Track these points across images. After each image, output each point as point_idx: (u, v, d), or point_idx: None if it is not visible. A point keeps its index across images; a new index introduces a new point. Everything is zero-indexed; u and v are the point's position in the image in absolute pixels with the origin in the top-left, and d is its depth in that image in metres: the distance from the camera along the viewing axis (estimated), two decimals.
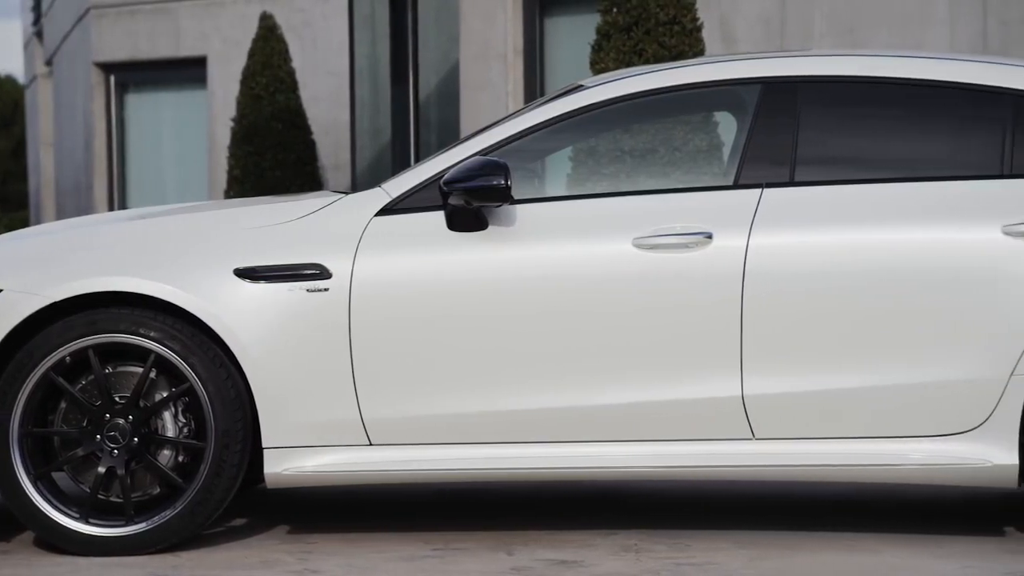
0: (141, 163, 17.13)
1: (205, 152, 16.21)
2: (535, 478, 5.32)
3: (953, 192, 5.21)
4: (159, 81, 16.93)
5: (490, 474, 5.28)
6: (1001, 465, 5.11)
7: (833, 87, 5.39)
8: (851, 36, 11.31)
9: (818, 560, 5.11)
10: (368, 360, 5.25)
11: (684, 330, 5.18)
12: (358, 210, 5.38)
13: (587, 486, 6.35)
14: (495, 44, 12.98)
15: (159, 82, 16.94)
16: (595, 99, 5.47)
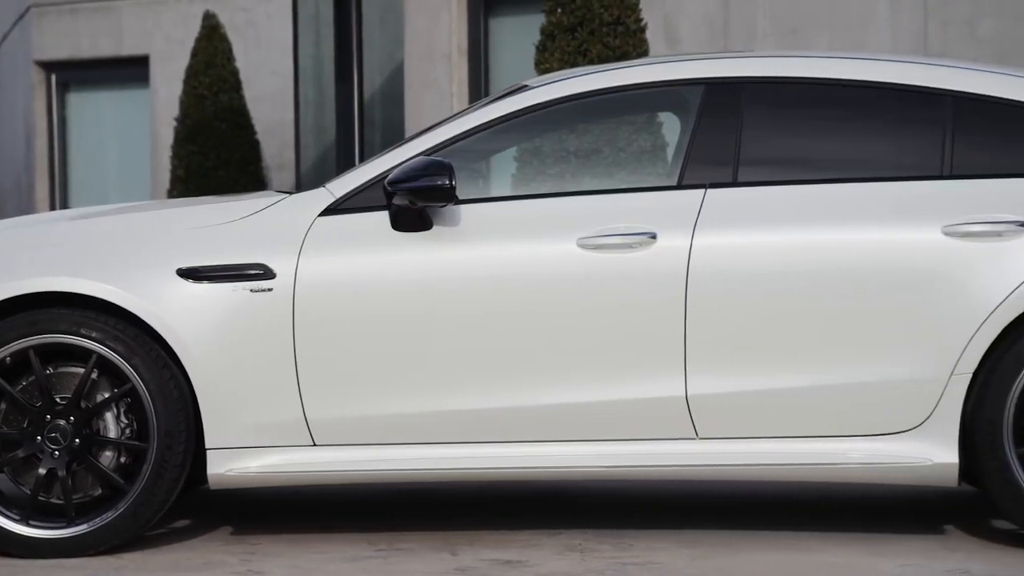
0: (83, 163, 17.01)
1: (148, 152, 16.11)
2: (480, 478, 5.32)
3: (894, 193, 5.25)
4: (101, 80, 16.81)
5: (435, 474, 5.28)
6: (941, 464, 5.15)
7: (776, 88, 5.42)
8: (794, 37, 11.38)
9: (760, 559, 5.14)
10: (312, 360, 5.24)
11: (628, 330, 5.19)
12: (302, 210, 5.37)
13: (532, 486, 6.36)
14: (440, 44, 12.97)
15: (101, 81, 16.82)
16: (539, 99, 5.47)
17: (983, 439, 5.12)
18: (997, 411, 5.11)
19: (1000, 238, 5.13)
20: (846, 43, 11.15)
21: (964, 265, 5.13)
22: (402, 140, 5.63)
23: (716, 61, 5.54)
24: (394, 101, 14.09)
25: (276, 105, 15.01)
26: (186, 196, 13.07)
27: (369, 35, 14.61)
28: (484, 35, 13.10)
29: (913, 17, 11.00)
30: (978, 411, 5.13)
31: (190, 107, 13.49)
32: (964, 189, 5.23)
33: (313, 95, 15.07)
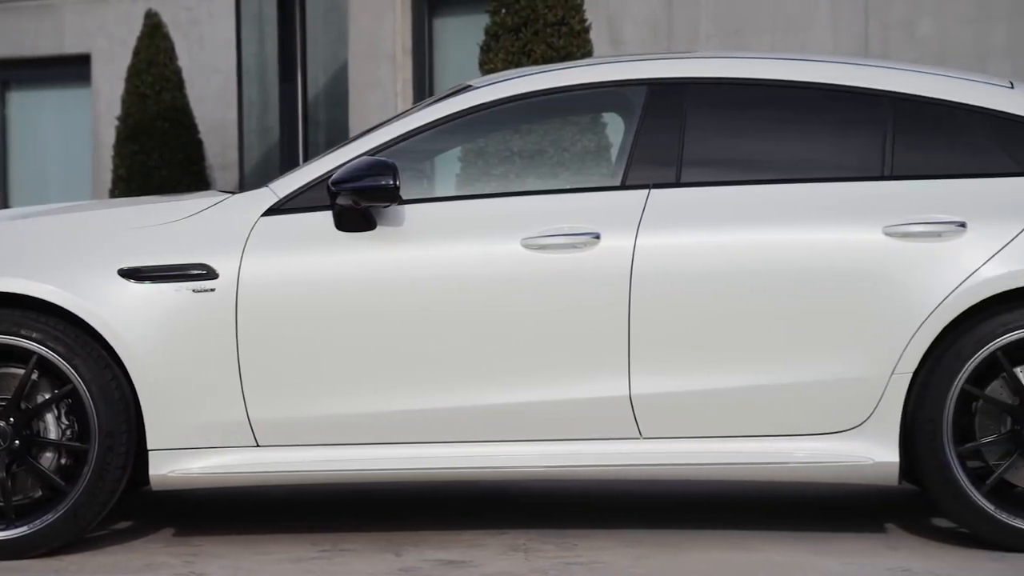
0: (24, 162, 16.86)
1: (89, 151, 16.00)
2: (424, 478, 5.31)
3: (835, 193, 5.28)
4: (42, 79, 16.67)
5: (379, 475, 5.27)
6: (883, 463, 5.19)
7: (719, 89, 5.44)
8: (737, 38, 11.44)
9: (703, 558, 5.16)
10: (255, 361, 5.22)
11: (572, 330, 5.20)
12: (245, 210, 5.35)
13: (476, 486, 6.36)
14: (384, 44, 12.95)
15: (42, 80, 16.68)
16: (484, 99, 5.48)
17: (923, 438, 5.16)
18: (937, 410, 5.15)
19: (940, 238, 5.18)
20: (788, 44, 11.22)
21: (905, 265, 5.17)
22: (346, 140, 5.62)
23: (659, 62, 5.56)
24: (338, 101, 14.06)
25: (219, 104, 14.94)
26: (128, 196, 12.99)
27: (313, 34, 14.57)
28: (428, 35, 13.09)
29: (854, 19, 11.08)
30: (918, 410, 5.17)
31: (132, 106, 13.41)
32: (905, 190, 5.27)
33: (256, 94, 15.01)
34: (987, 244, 5.15)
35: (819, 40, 11.18)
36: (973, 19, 10.74)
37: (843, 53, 10.90)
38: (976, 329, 5.14)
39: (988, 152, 5.31)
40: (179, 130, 13.50)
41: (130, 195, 13.13)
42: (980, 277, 5.13)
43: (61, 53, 16.25)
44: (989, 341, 5.13)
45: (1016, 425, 5.18)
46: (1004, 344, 5.13)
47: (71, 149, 16.57)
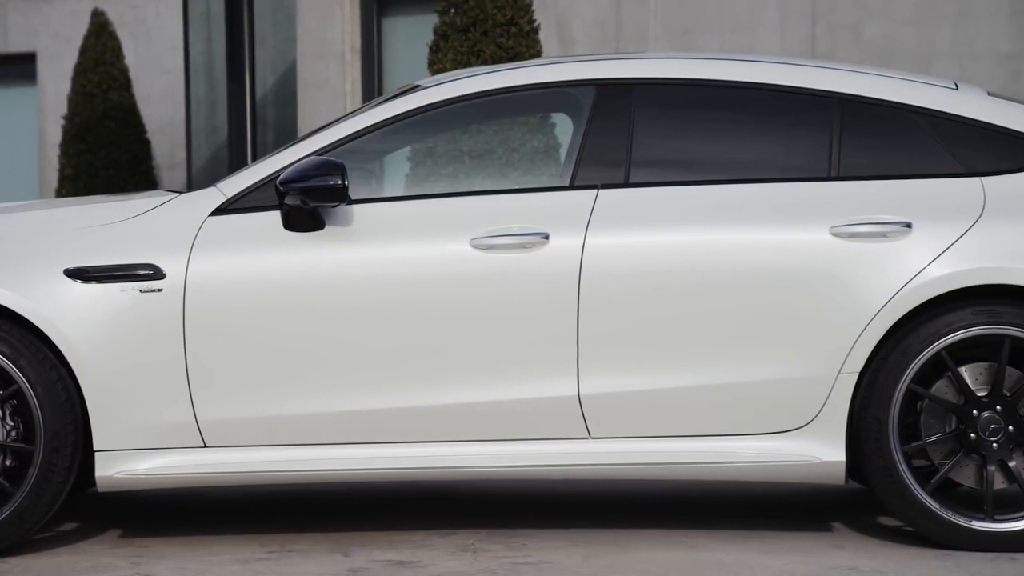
0: None
1: (35, 150, 15.88)
2: (372, 479, 5.30)
3: (783, 194, 5.31)
4: None
5: (327, 475, 5.25)
6: (829, 462, 5.22)
7: (667, 89, 5.46)
8: (685, 39, 11.48)
9: (651, 557, 5.17)
10: (203, 361, 5.20)
11: (521, 330, 5.20)
12: (192, 210, 5.32)
13: (425, 486, 6.35)
14: (332, 43, 12.92)
15: None
16: (432, 99, 5.47)
17: (869, 437, 5.20)
18: (883, 409, 5.18)
19: (886, 239, 5.21)
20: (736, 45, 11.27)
21: (851, 265, 5.20)
22: (294, 140, 5.60)
23: (607, 62, 5.57)
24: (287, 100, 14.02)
25: (167, 104, 14.86)
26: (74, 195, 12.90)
27: (261, 33, 14.52)
28: (377, 35, 13.07)
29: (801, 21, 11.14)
30: (865, 409, 5.20)
31: (79, 105, 13.33)
32: (851, 190, 5.30)
33: (204, 94, 14.94)
34: (932, 244, 5.19)
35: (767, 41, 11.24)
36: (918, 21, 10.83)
37: (790, 54, 10.97)
38: (921, 329, 5.18)
39: (933, 153, 5.35)
40: (126, 129, 13.43)
41: (77, 195, 13.04)
42: (925, 277, 5.17)
43: (6, 52, 16.13)
44: (934, 341, 5.17)
45: (961, 424, 5.22)
46: (949, 344, 5.18)
47: (16, 148, 16.44)
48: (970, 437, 5.20)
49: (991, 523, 5.19)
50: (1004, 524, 5.19)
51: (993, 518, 5.19)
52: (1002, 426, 5.20)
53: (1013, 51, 10.49)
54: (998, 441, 5.20)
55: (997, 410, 5.20)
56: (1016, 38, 10.48)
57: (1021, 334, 5.15)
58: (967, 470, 5.25)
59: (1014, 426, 5.20)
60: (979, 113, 5.40)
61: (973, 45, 10.61)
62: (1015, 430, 5.20)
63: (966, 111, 5.40)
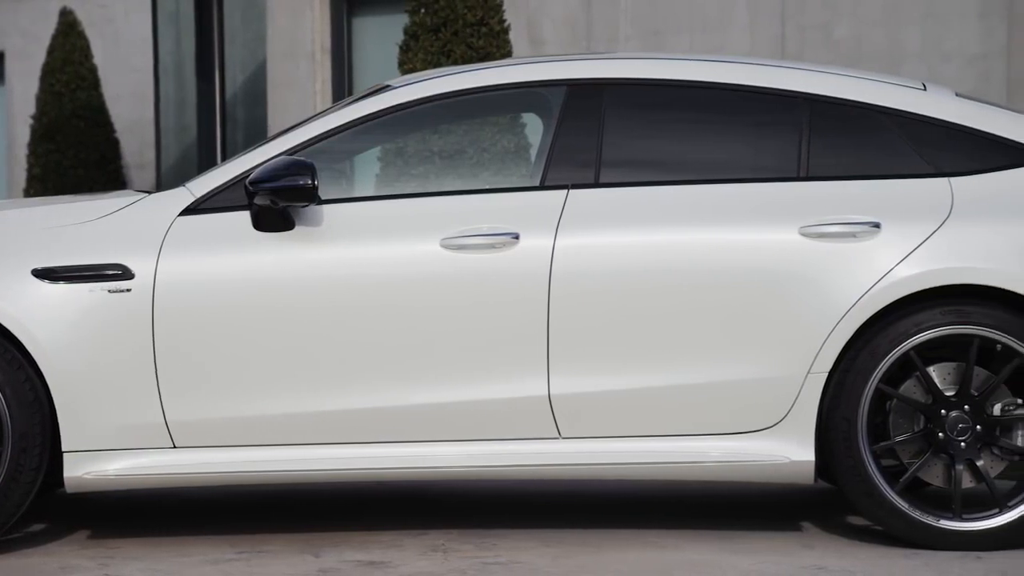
0: None
1: (3, 150, 15.81)
2: (343, 479, 5.30)
3: (753, 194, 5.32)
4: None
5: (297, 476, 5.24)
6: (798, 461, 5.23)
7: (637, 90, 5.47)
8: (655, 39, 11.50)
9: (621, 557, 5.18)
10: (172, 362, 5.18)
11: (492, 330, 5.20)
12: (161, 210, 5.31)
13: (396, 486, 6.35)
14: (303, 43, 12.90)
15: None
16: (402, 99, 5.47)
17: (838, 437, 5.21)
18: (852, 409, 5.20)
19: (855, 239, 5.23)
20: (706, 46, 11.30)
21: (820, 265, 5.22)
22: (264, 139, 5.59)
23: (578, 62, 5.57)
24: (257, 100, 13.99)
25: (136, 103, 14.81)
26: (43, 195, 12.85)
27: (231, 33, 14.48)
28: (348, 35, 13.06)
29: (771, 21, 11.17)
30: (834, 409, 5.22)
31: (47, 105, 13.28)
32: (820, 191, 5.31)
33: (174, 93, 14.90)
34: (901, 244, 5.21)
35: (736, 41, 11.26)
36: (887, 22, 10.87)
37: (760, 54, 11.00)
38: (890, 329, 5.20)
39: (902, 153, 5.37)
40: (95, 129, 13.38)
41: (45, 194, 12.99)
42: (894, 277, 5.19)
43: None
44: (903, 341, 5.19)
45: (929, 424, 5.24)
46: (918, 344, 5.20)
47: None
48: (938, 436, 5.23)
49: (959, 522, 5.21)
50: (972, 523, 5.22)
51: (961, 517, 5.21)
52: (970, 426, 5.22)
53: (981, 52, 10.55)
54: (966, 440, 5.22)
55: (965, 410, 5.23)
56: (984, 39, 10.54)
57: (989, 334, 5.18)
58: (935, 469, 5.27)
59: (982, 426, 5.23)
60: (947, 114, 5.42)
61: (942, 46, 10.66)
62: (983, 430, 5.23)
63: (934, 112, 5.42)
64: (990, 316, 5.18)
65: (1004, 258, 5.18)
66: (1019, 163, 5.36)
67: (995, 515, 5.22)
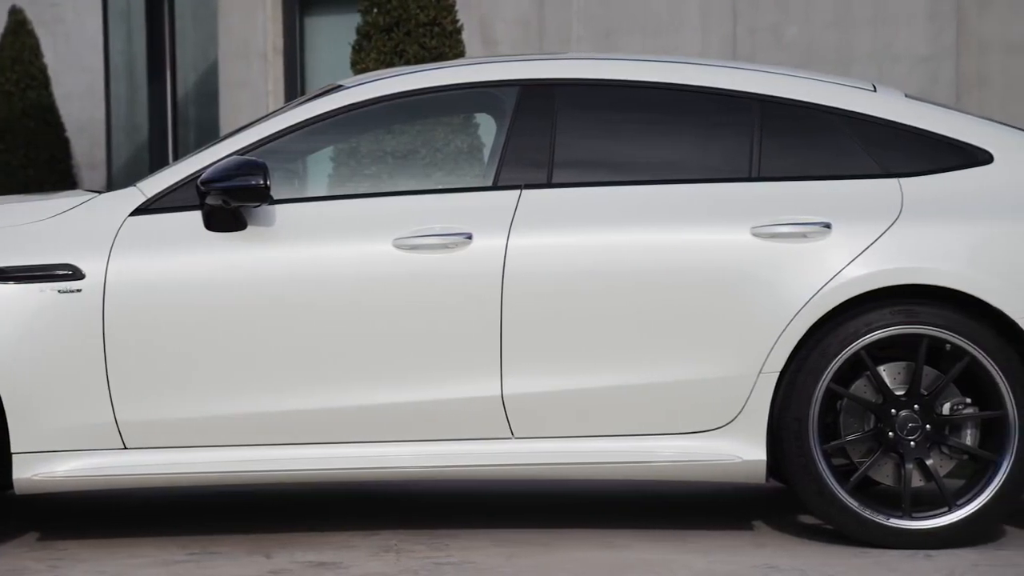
0: None
1: None
2: (295, 480, 5.28)
3: (705, 194, 5.34)
4: None
5: (249, 476, 5.23)
6: (750, 461, 5.26)
7: (589, 90, 5.48)
8: (607, 40, 11.52)
9: (573, 557, 5.19)
10: (123, 362, 5.15)
11: (445, 330, 5.20)
12: (112, 210, 5.28)
13: (348, 487, 6.33)
14: (255, 42, 12.85)
15: None
16: (355, 99, 5.46)
17: (790, 436, 5.24)
18: (803, 409, 5.23)
19: (806, 239, 5.26)
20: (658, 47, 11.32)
21: (772, 265, 5.24)
22: (216, 139, 5.57)
23: (530, 63, 5.58)
24: (208, 100, 13.92)
25: (86, 102, 14.71)
26: None
27: (182, 32, 14.41)
28: (300, 34, 13.02)
29: (722, 22, 11.21)
30: (785, 409, 5.24)
31: None
32: (771, 191, 5.34)
33: (125, 92, 14.82)
34: (851, 245, 5.24)
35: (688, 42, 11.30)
36: (838, 24, 10.93)
37: (712, 55, 11.03)
38: (841, 329, 5.22)
39: (852, 154, 5.40)
40: (45, 128, 13.29)
41: None
42: (845, 277, 5.22)
43: None
44: (853, 340, 5.22)
45: (879, 423, 5.27)
46: (868, 343, 5.23)
47: None
48: (888, 436, 5.26)
49: (909, 521, 5.25)
50: (921, 522, 5.25)
51: (911, 516, 5.25)
52: (920, 425, 5.26)
53: (930, 54, 10.62)
54: (916, 440, 5.26)
55: (915, 409, 5.26)
56: (933, 41, 10.61)
57: (938, 333, 5.21)
58: (885, 468, 5.31)
59: (931, 425, 5.26)
60: (897, 115, 5.46)
61: (891, 48, 10.72)
62: (932, 429, 5.27)
63: (884, 113, 5.46)
64: (939, 316, 5.22)
65: (953, 258, 5.22)
66: (968, 164, 5.40)
67: (944, 514, 5.25)
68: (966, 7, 10.57)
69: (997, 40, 10.52)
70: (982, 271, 5.21)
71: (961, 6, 10.57)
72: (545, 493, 6.26)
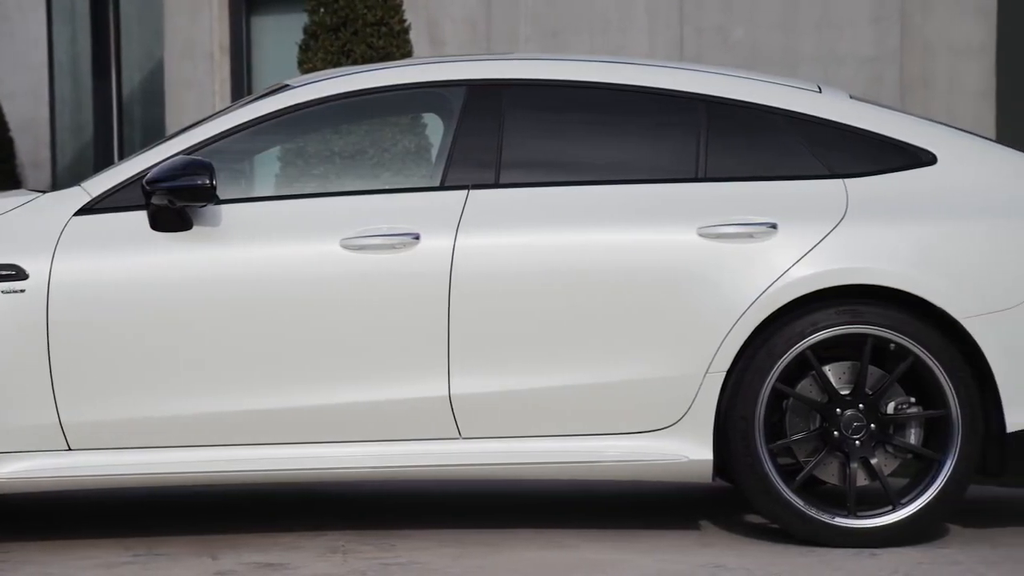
0: None
1: None
2: (241, 481, 5.26)
3: (652, 195, 5.36)
4: None
5: (195, 477, 5.21)
6: (697, 460, 5.28)
7: (536, 90, 5.49)
8: (554, 40, 11.54)
9: (521, 556, 5.19)
10: (67, 363, 5.12)
11: (392, 331, 5.20)
12: (56, 209, 5.25)
13: (295, 488, 6.32)
14: (201, 42, 12.79)
15: None
16: (301, 99, 5.45)
17: (736, 435, 5.26)
18: (749, 408, 5.25)
19: (752, 239, 5.28)
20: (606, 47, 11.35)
21: (718, 266, 5.26)
22: (161, 139, 5.54)
23: (478, 63, 5.58)
24: (154, 99, 13.85)
25: (30, 101, 14.61)
26: None
27: (128, 31, 14.33)
28: (246, 33, 12.97)
29: (669, 23, 11.26)
30: (732, 409, 5.27)
31: None
32: (718, 191, 5.36)
33: (69, 91, 14.72)
34: (797, 245, 5.27)
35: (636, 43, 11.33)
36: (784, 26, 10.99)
37: (659, 56, 11.07)
38: (787, 328, 5.25)
39: (798, 155, 5.43)
40: None
41: None
42: (790, 277, 5.24)
43: None
44: (799, 340, 5.25)
45: (825, 422, 5.31)
46: (813, 343, 5.26)
47: None
48: (833, 435, 5.29)
49: (854, 519, 5.28)
50: (866, 520, 5.29)
51: (855, 514, 5.28)
52: (864, 424, 5.29)
53: (874, 55, 10.70)
54: (860, 439, 5.29)
55: (860, 408, 5.30)
56: (877, 43, 10.69)
57: (882, 333, 5.25)
58: (831, 467, 5.34)
59: (876, 424, 5.30)
60: (841, 116, 5.49)
61: (836, 50, 10.79)
62: (877, 428, 5.30)
63: (829, 114, 5.49)
64: (883, 316, 5.25)
65: (897, 258, 5.26)
66: (911, 165, 5.44)
67: (888, 512, 5.29)
68: (910, 10, 10.65)
69: (941, 42, 10.61)
70: (926, 271, 5.25)
71: (905, 9, 10.65)
72: (493, 493, 6.26)
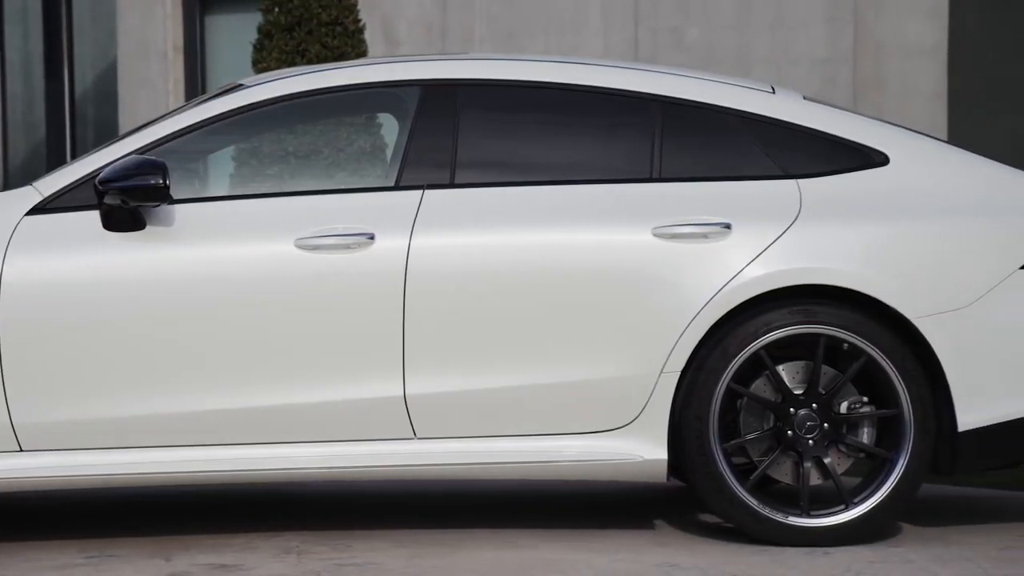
0: None
1: None
2: (195, 481, 5.24)
3: (606, 195, 5.37)
4: None
5: (149, 478, 5.18)
6: (651, 460, 5.29)
7: (491, 91, 5.49)
8: (510, 41, 11.55)
9: (476, 557, 5.20)
10: (19, 364, 5.09)
11: (347, 331, 5.19)
12: (7, 209, 5.21)
13: (249, 489, 6.30)
14: (154, 41, 12.74)
15: None
16: (255, 98, 5.43)
17: (691, 435, 5.28)
18: (704, 408, 5.27)
19: (706, 240, 5.30)
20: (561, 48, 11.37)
21: (673, 266, 5.28)
22: (114, 138, 5.52)
23: (432, 63, 5.58)
24: (107, 98, 13.79)
25: None
26: None
27: (80, 30, 14.26)
28: (200, 33, 12.92)
29: (624, 24, 11.28)
30: (686, 408, 5.28)
31: None
32: (672, 192, 5.38)
33: (21, 90, 14.63)
34: (751, 245, 5.29)
35: (591, 43, 11.35)
36: (738, 27, 11.04)
37: (614, 56, 11.10)
38: (741, 328, 5.27)
39: (752, 155, 5.45)
40: None
41: None
42: (744, 277, 5.27)
43: None
44: (753, 340, 5.27)
45: (778, 422, 5.33)
46: (767, 343, 5.28)
47: None
48: (787, 434, 5.32)
49: (807, 519, 5.31)
50: (819, 519, 5.32)
51: (809, 514, 5.31)
52: (818, 423, 5.32)
53: (827, 56, 10.75)
54: (814, 438, 5.32)
55: (813, 408, 5.32)
56: (830, 44, 10.75)
57: (836, 333, 5.28)
58: (784, 467, 5.36)
59: (829, 423, 5.33)
60: (795, 116, 5.52)
61: (790, 50, 10.85)
62: (830, 427, 5.33)
63: (782, 114, 5.52)
64: (836, 316, 5.28)
65: (851, 259, 5.29)
66: (865, 165, 5.47)
67: (841, 511, 5.32)
68: (863, 11, 10.71)
69: (894, 43, 10.67)
70: (879, 271, 5.28)
71: (858, 10, 10.71)
72: (449, 493, 6.26)
